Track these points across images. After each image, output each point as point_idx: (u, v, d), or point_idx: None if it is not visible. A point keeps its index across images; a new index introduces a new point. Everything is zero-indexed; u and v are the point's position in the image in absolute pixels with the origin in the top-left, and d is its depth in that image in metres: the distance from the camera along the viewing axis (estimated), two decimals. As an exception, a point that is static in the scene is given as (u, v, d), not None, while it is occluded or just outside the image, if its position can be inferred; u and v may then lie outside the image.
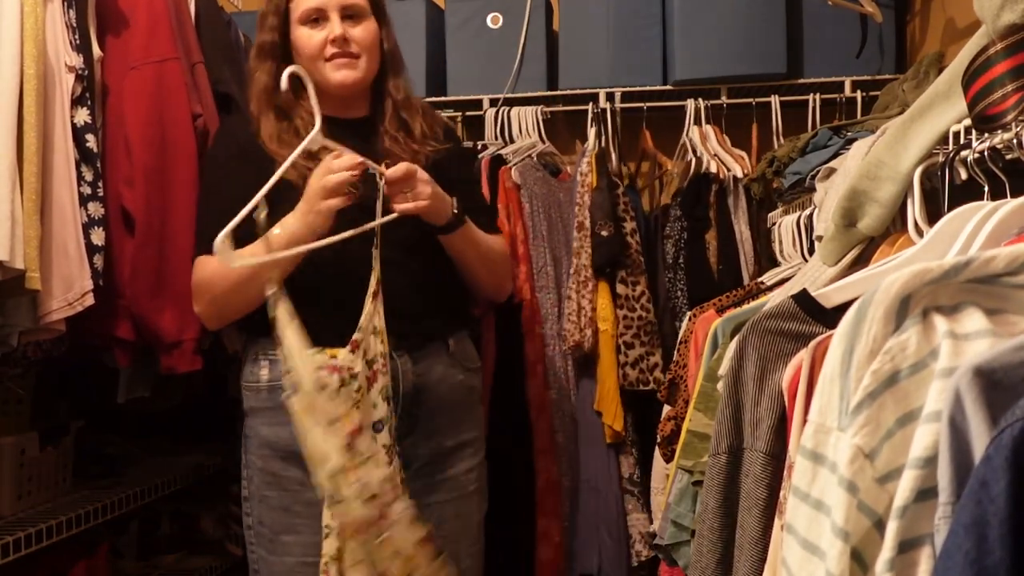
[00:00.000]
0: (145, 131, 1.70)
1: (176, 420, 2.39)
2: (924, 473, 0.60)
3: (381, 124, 1.64)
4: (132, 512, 2.04)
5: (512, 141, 2.53)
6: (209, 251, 1.38)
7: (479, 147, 2.51)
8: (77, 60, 1.56)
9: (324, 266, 1.52)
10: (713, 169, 2.34)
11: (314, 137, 1.44)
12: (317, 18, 1.58)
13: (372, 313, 1.48)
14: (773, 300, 1.33)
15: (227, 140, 1.67)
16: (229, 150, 1.64)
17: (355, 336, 1.47)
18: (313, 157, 1.50)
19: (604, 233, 2.23)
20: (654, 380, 2.22)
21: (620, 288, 2.26)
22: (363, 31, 1.60)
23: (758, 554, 0.91)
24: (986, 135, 0.89)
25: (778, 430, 0.93)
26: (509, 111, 2.56)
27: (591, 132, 2.48)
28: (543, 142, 2.53)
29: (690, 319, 1.85)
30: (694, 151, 2.42)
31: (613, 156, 2.49)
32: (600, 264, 2.24)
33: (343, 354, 1.45)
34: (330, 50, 1.57)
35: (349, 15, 1.59)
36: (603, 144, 2.47)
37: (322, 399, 1.40)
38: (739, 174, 2.31)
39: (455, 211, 1.59)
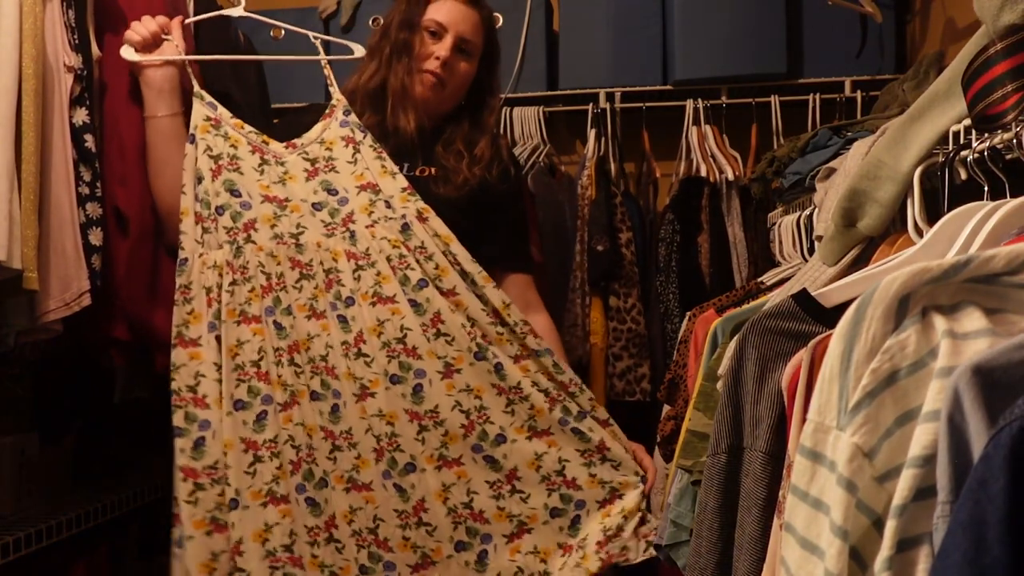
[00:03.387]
0: (140, 129, 1.70)
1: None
2: (923, 472, 0.60)
3: (444, 138, 1.77)
4: (132, 512, 2.04)
5: (514, 143, 2.52)
6: None
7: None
8: (76, 60, 1.56)
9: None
10: (704, 172, 2.35)
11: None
12: (437, 32, 1.73)
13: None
14: (773, 300, 1.33)
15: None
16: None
17: (296, 140, 1.66)
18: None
19: (599, 248, 2.26)
20: (640, 391, 2.27)
21: (612, 300, 2.30)
22: (464, 70, 1.75)
23: (757, 553, 0.91)
24: (986, 135, 0.89)
25: (778, 429, 0.93)
26: (511, 111, 2.56)
27: (591, 132, 2.48)
28: (544, 143, 2.53)
29: (690, 319, 1.85)
30: (689, 153, 2.43)
31: (612, 159, 2.49)
32: (595, 279, 2.28)
33: (276, 145, 1.65)
34: (431, 64, 1.72)
35: (462, 48, 1.74)
36: (603, 146, 2.47)
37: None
38: (730, 176, 2.32)
39: None
